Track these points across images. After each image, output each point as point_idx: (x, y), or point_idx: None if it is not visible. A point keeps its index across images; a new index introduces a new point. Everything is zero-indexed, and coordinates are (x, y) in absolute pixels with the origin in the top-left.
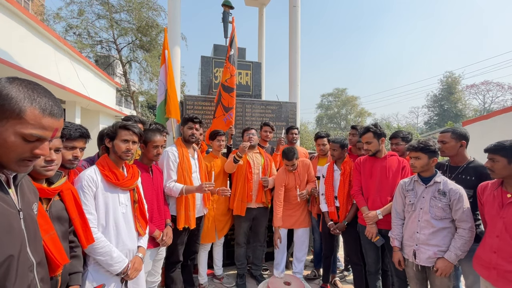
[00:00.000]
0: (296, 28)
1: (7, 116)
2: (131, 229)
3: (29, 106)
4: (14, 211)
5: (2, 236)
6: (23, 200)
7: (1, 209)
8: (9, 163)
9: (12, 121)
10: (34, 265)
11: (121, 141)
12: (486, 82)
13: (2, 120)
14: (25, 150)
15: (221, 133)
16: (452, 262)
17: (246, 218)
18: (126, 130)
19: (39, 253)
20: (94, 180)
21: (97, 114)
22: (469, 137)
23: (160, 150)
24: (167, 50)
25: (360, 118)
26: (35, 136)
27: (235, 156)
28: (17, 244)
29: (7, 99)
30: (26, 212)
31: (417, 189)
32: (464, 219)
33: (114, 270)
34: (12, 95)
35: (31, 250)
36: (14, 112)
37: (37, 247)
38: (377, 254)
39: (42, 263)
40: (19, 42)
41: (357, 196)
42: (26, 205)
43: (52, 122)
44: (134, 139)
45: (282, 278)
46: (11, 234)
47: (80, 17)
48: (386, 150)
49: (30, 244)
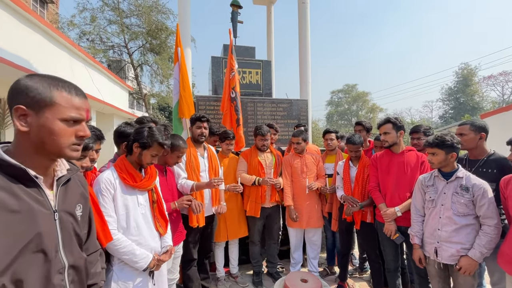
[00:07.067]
0: (306, 25)
1: (42, 107)
2: (152, 229)
3: (56, 91)
4: (47, 212)
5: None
6: (63, 201)
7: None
8: (62, 150)
9: (48, 110)
10: (66, 267)
11: (151, 155)
12: (505, 72)
13: (39, 111)
14: (70, 134)
15: (230, 137)
16: (477, 260)
17: (260, 216)
18: (161, 147)
19: (74, 255)
20: (112, 183)
21: (111, 117)
22: (488, 129)
23: (181, 159)
24: (180, 47)
25: (371, 114)
26: (73, 118)
27: (256, 182)
28: (47, 245)
29: (34, 90)
30: (65, 214)
31: (438, 185)
32: (489, 215)
33: (140, 266)
34: (37, 87)
35: (65, 252)
36: (46, 101)
37: (72, 249)
38: (396, 251)
39: (76, 266)
40: (37, 49)
41: (374, 193)
42: (66, 206)
43: (81, 102)
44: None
45: (299, 275)
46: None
47: (93, 23)
48: (404, 145)
49: (64, 246)
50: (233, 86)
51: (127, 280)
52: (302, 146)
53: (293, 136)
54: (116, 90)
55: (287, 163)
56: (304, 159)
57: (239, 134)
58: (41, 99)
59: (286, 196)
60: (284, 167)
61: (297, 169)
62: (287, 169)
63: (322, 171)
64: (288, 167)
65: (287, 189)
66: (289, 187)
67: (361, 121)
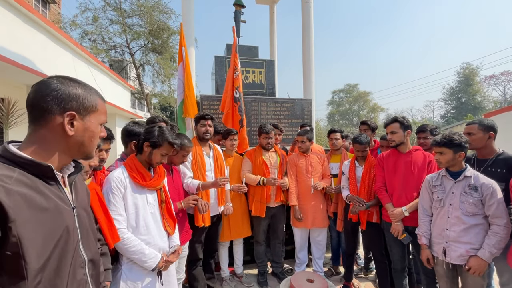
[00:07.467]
0: (309, 24)
1: (89, 112)
2: (161, 228)
3: (98, 98)
4: (69, 208)
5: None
6: (77, 198)
7: (56, 205)
8: (92, 151)
9: (93, 114)
10: (86, 262)
11: (161, 154)
12: (507, 72)
13: (86, 116)
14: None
15: (233, 132)
16: (486, 260)
17: (266, 216)
18: (171, 147)
19: (91, 250)
20: (122, 182)
21: (114, 117)
22: (497, 128)
23: (187, 158)
24: (184, 47)
25: (373, 114)
26: (105, 121)
27: (261, 181)
28: (72, 241)
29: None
30: (81, 209)
31: (446, 185)
32: (498, 215)
33: (149, 266)
34: (86, 94)
35: (84, 247)
36: (93, 107)
37: (89, 244)
38: (403, 251)
39: (94, 260)
40: (40, 49)
41: (381, 193)
42: (80, 203)
43: (105, 107)
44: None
45: (305, 275)
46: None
47: (95, 23)
48: (410, 145)
49: (83, 241)
50: (237, 86)
51: (136, 280)
52: (307, 145)
53: (298, 135)
54: (118, 90)
55: (292, 162)
56: (309, 159)
57: (242, 136)
58: (90, 105)
59: (291, 196)
60: (289, 166)
61: (302, 168)
62: (292, 169)
63: (327, 171)
64: (293, 167)
65: (292, 189)
66: (294, 187)
67: (366, 121)
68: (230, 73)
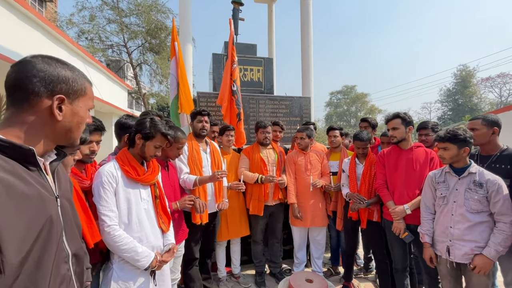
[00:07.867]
0: (308, 22)
1: (78, 96)
2: (154, 225)
3: (87, 82)
4: (52, 197)
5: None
6: (60, 187)
7: (38, 192)
8: (78, 137)
9: (82, 98)
10: (70, 256)
11: (154, 146)
12: (503, 74)
13: (75, 100)
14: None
15: (230, 128)
16: (492, 259)
17: (264, 215)
18: (165, 138)
19: (75, 245)
20: (114, 176)
21: (110, 116)
22: (501, 124)
23: (182, 151)
24: (176, 41)
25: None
26: (92, 106)
27: (259, 179)
28: (55, 232)
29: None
30: (64, 200)
31: (449, 181)
32: (504, 212)
33: (141, 265)
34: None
35: (67, 240)
36: (82, 90)
37: (73, 238)
38: (404, 250)
39: (78, 255)
40: (36, 46)
41: (382, 190)
42: (63, 192)
43: (93, 92)
44: (164, 145)
45: (304, 275)
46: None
47: (92, 22)
48: (412, 142)
49: (66, 234)
50: (235, 79)
51: (128, 279)
52: (306, 142)
53: (297, 131)
54: (115, 89)
55: (290, 160)
56: (308, 156)
57: (240, 130)
58: (79, 89)
59: (290, 193)
60: (288, 164)
61: (301, 166)
62: (291, 166)
63: (326, 169)
64: (292, 164)
65: (291, 187)
66: (293, 185)
67: (367, 118)
68: (228, 65)
